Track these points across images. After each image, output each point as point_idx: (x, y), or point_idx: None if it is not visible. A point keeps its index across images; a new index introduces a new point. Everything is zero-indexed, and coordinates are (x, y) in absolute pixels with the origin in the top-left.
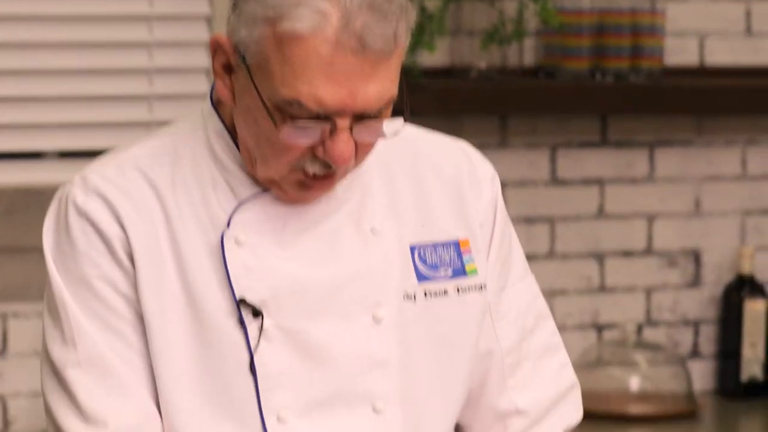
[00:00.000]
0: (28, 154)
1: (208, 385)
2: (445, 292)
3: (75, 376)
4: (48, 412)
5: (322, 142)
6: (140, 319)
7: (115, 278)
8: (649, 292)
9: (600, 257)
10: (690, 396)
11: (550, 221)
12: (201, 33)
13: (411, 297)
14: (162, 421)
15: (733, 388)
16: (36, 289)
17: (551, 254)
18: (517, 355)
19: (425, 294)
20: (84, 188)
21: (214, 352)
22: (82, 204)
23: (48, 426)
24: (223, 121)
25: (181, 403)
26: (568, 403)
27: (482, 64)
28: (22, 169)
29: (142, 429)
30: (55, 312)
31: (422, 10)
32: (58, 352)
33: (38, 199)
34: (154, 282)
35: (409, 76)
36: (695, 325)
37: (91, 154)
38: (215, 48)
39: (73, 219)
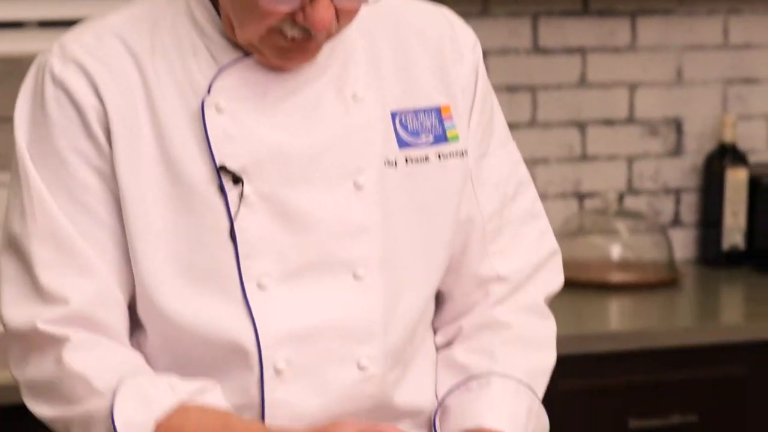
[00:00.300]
0: (7, 23)
1: (188, 254)
2: (427, 158)
3: (34, 251)
4: (2, 284)
5: (302, 8)
6: (112, 194)
7: (88, 151)
8: (630, 160)
9: (582, 126)
10: (671, 264)
11: (532, 90)
12: None
13: (392, 163)
14: (123, 301)
15: (714, 256)
16: None
17: (533, 123)
18: (498, 222)
19: (406, 160)
20: (62, 57)
21: (193, 219)
22: (59, 73)
23: None
24: None
25: (161, 273)
26: (549, 270)
27: None
28: (1, 39)
29: (103, 307)
30: (18, 183)
31: None
32: (18, 225)
33: (19, 68)
34: (131, 152)
35: None
36: (677, 193)
37: (71, 23)
38: None
39: (49, 89)
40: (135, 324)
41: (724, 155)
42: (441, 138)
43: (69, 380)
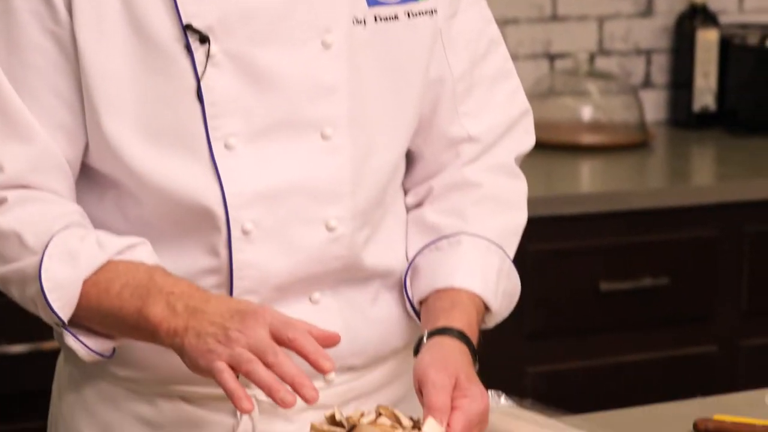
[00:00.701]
0: None
1: (155, 115)
2: (396, 16)
3: None
4: None
5: None
6: (68, 60)
7: (45, 15)
8: (601, 21)
9: None
10: (642, 126)
11: None
12: None
13: (361, 22)
14: (66, 166)
15: (685, 118)
16: None
17: None
18: (469, 81)
19: (375, 18)
20: None
21: (160, 80)
22: None
23: None
24: None
25: (127, 135)
26: (520, 129)
27: None
28: None
29: (42, 173)
30: None
31: None
32: None
33: None
34: (95, 15)
35: None
36: (647, 54)
37: None
38: None
39: None
40: (93, 188)
41: (695, 16)
42: None
43: (3, 239)
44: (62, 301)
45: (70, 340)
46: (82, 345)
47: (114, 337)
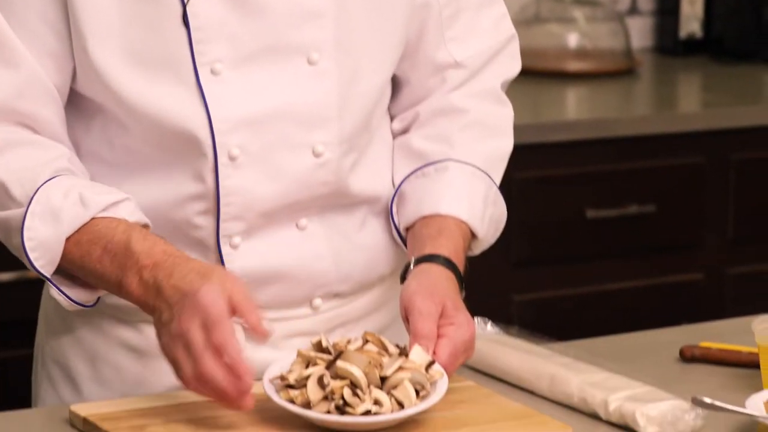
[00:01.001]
0: None
1: (141, 41)
2: None
3: None
4: None
5: None
6: None
7: None
8: None
9: None
10: (628, 53)
11: None
12: None
13: None
14: (55, 92)
15: (671, 45)
16: None
17: None
18: (455, 6)
19: None
20: None
21: (146, 5)
22: None
23: None
24: None
25: (113, 61)
26: (507, 55)
27: None
28: None
29: (31, 99)
30: None
31: None
32: None
33: None
34: None
35: None
36: None
37: None
38: None
39: None
40: (80, 116)
41: None
42: None
43: None
44: (44, 259)
45: (54, 292)
46: (65, 297)
47: (97, 288)
